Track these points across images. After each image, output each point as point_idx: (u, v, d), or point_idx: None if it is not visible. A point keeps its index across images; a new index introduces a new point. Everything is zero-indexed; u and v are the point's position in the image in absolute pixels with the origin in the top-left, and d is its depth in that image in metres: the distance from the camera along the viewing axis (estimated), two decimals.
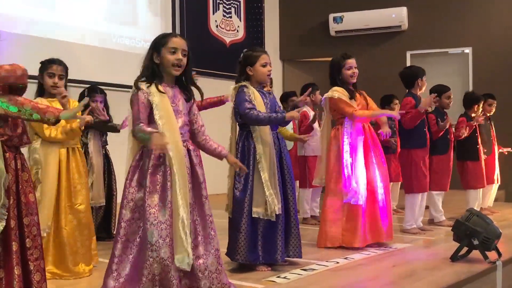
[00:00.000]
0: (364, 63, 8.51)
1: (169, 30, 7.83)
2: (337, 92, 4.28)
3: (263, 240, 3.50)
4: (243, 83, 3.57)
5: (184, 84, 2.90)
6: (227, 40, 8.67)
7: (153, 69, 2.80)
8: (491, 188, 6.45)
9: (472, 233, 3.72)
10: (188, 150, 2.82)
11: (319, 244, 4.29)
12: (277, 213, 3.46)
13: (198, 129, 2.95)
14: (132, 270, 2.68)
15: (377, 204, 4.28)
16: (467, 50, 8.42)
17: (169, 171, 2.70)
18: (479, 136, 6.00)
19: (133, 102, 2.78)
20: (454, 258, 3.77)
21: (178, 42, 2.80)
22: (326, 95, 4.39)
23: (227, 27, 8.70)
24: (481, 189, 6.11)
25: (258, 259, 3.49)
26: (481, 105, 6.07)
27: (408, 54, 8.76)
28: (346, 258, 3.90)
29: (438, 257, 3.91)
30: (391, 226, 4.36)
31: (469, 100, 6.09)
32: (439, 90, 5.40)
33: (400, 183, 6.55)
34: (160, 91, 2.76)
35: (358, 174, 4.20)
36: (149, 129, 2.69)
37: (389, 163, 6.47)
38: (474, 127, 5.90)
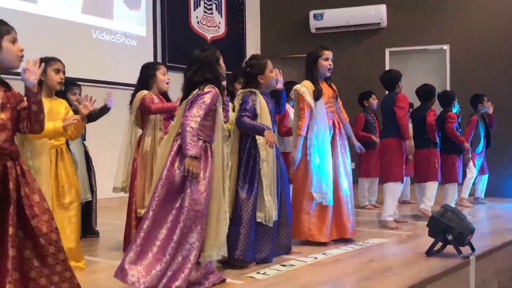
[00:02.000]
0: (344, 59, 8.63)
1: (150, 26, 7.83)
2: (304, 87, 4.29)
3: (258, 241, 3.63)
4: (252, 90, 3.70)
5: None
6: (208, 36, 8.67)
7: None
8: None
9: (447, 229, 3.80)
10: None
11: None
12: (274, 219, 3.61)
13: None
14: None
15: (342, 200, 4.36)
16: (445, 47, 8.51)
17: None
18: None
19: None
20: (429, 253, 3.86)
21: None
22: (295, 87, 4.39)
23: (208, 23, 8.70)
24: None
25: (252, 259, 3.60)
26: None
27: (387, 51, 8.83)
28: (324, 254, 3.97)
29: (413, 253, 3.99)
30: (354, 222, 4.48)
31: (447, 98, 6.29)
32: None
33: (378, 178, 6.67)
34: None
35: (325, 174, 4.24)
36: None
37: (370, 158, 6.59)
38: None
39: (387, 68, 8.65)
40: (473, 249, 3.84)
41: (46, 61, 3.51)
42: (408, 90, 5.89)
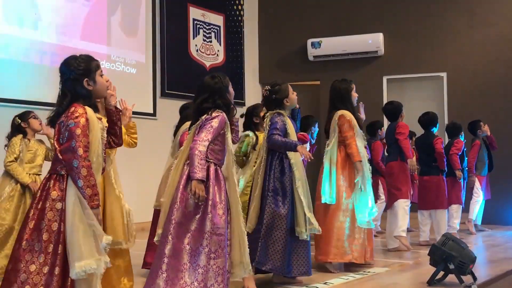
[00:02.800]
0: None
1: (149, 53, 7.87)
2: (350, 115, 4.56)
3: (295, 256, 3.85)
4: (279, 111, 3.98)
5: None
6: (207, 64, 8.73)
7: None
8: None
9: (448, 258, 3.78)
10: None
11: None
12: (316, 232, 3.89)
13: None
14: None
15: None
16: (442, 75, 8.56)
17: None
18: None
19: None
20: (431, 282, 3.83)
21: None
22: (341, 112, 4.58)
23: (207, 51, 8.77)
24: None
25: (291, 272, 3.82)
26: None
27: (385, 79, 8.87)
28: (325, 283, 3.92)
29: (415, 282, 3.96)
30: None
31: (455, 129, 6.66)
32: None
33: (383, 204, 6.56)
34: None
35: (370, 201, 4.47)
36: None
37: (377, 184, 6.63)
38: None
39: (384, 95, 8.70)
40: (474, 278, 3.81)
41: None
42: (405, 117, 5.92)
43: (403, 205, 5.45)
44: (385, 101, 8.11)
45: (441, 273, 3.84)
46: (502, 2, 8.22)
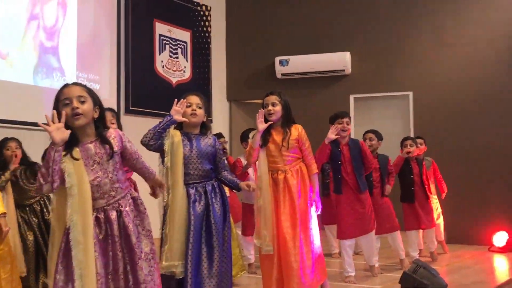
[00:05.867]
0: (309, 105, 8.54)
1: (114, 70, 7.57)
2: (252, 133, 4.13)
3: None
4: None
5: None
6: (174, 80, 8.47)
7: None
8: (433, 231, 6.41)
9: (419, 286, 3.60)
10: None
11: None
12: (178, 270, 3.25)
13: None
14: None
15: (289, 251, 3.94)
16: (408, 94, 8.50)
17: None
18: (414, 179, 5.99)
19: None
20: None
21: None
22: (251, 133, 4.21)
23: (174, 67, 8.52)
24: (421, 231, 6.12)
25: None
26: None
27: (352, 97, 8.78)
28: None
29: None
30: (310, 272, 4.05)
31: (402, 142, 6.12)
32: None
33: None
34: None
35: (267, 222, 3.95)
36: None
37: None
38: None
39: (351, 114, 8.58)
40: None
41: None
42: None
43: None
44: (352, 120, 7.97)
45: None
46: (467, 22, 8.23)
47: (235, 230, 4.88)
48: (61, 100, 2.59)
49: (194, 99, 3.45)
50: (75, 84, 2.69)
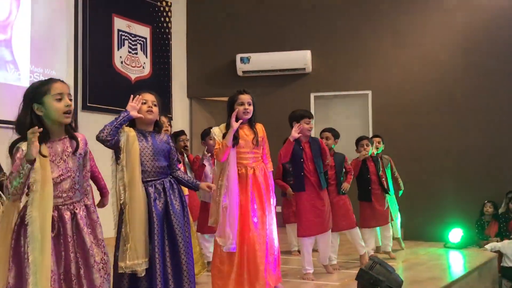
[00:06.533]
0: (269, 103, 8.53)
1: (71, 65, 7.38)
2: (217, 129, 4.05)
3: None
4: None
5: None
6: (133, 76, 8.32)
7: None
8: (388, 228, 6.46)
9: (375, 282, 3.63)
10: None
11: None
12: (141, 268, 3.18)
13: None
14: None
15: (256, 250, 3.90)
16: (367, 93, 8.59)
17: None
18: (371, 178, 6.05)
19: None
20: None
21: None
22: (212, 129, 4.11)
23: (133, 63, 8.36)
24: (376, 229, 6.17)
25: None
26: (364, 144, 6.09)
27: (312, 96, 8.82)
28: None
29: None
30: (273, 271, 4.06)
31: (357, 141, 6.18)
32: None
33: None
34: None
35: (231, 219, 3.89)
36: None
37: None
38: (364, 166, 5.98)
39: (312, 112, 8.60)
40: None
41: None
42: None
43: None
44: None
45: None
46: (425, 23, 8.38)
47: (194, 228, 4.82)
48: (53, 94, 2.61)
49: (150, 97, 3.39)
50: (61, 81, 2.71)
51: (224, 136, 3.96)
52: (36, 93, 2.60)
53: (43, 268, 2.43)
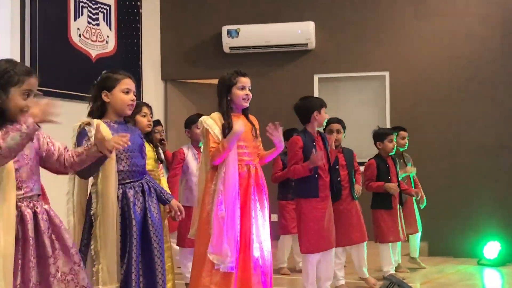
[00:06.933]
0: (263, 87, 8.46)
1: (16, 40, 7.26)
2: (210, 120, 4.09)
3: None
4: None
5: None
6: (93, 53, 8.21)
7: None
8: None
9: None
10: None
11: None
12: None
13: None
14: None
15: (252, 266, 4.00)
16: (384, 75, 8.54)
17: None
18: (391, 180, 5.97)
19: None
20: None
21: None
22: (201, 118, 4.16)
23: (93, 37, 8.24)
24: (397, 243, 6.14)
25: None
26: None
27: (316, 77, 8.78)
28: None
29: None
30: None
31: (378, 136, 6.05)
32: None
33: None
34: None
35: (229, 233, 3.92)
36: None
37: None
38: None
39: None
40: None
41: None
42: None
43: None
44: None
45: None
46: None
47: (169, 239, 4.74)
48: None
49: (132, 85, 3.44)
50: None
51: (223, 134, 4.01)
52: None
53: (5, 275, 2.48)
